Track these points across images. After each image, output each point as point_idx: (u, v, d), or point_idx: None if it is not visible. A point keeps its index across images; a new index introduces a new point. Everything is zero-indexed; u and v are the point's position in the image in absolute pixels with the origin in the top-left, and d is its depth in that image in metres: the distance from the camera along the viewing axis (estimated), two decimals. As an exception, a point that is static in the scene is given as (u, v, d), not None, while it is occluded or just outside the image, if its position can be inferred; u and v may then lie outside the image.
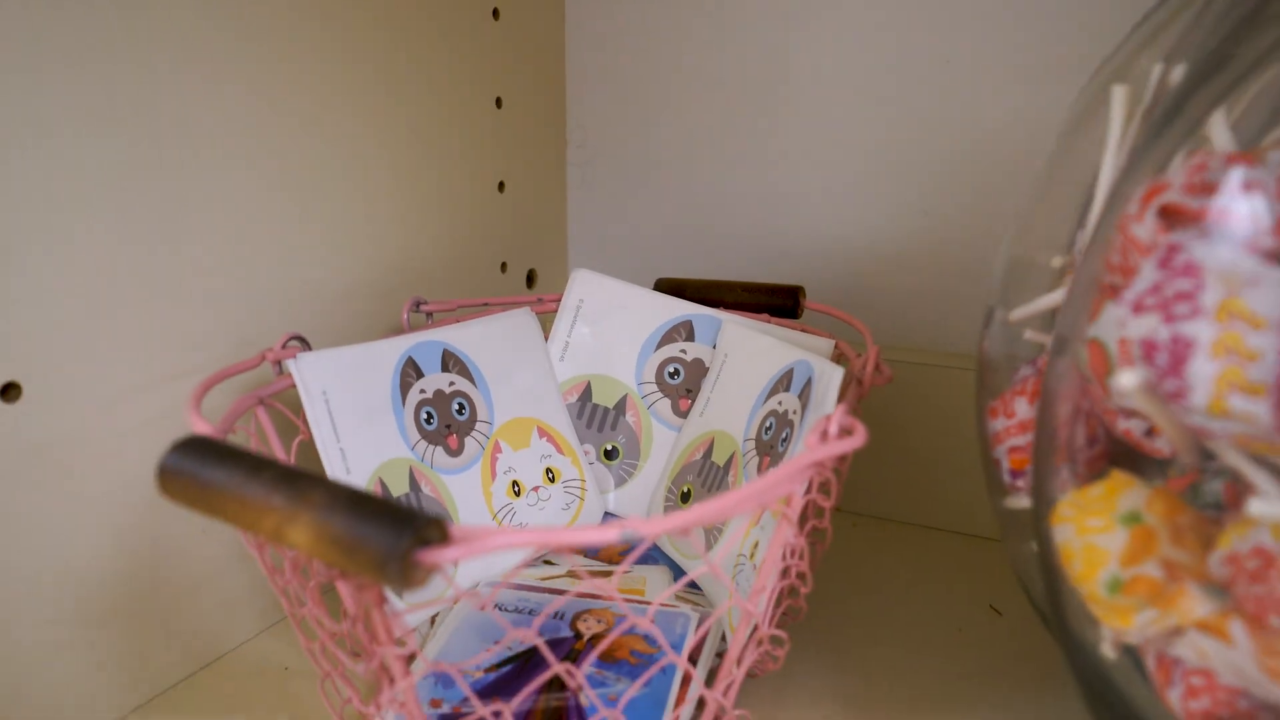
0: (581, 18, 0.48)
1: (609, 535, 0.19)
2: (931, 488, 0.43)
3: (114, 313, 0.27)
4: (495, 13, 0.43)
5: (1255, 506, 0.16)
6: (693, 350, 0.39)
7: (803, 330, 0.38)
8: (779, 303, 0.40)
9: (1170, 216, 0.17)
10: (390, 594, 0.28)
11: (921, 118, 0.42)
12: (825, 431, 0.23)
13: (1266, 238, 0.17)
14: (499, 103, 0.44)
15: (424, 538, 0.18)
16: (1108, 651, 0.20)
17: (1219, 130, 0.19)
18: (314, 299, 0.35)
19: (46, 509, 0.26)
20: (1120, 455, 0.21)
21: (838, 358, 0.35)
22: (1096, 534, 0.19)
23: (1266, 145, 0.18)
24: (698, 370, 0.39)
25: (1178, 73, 0.20)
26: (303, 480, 0.19)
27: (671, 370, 0.40)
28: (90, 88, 0.26)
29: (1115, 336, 0.18)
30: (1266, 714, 0.17)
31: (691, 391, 0.39)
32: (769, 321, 0.39)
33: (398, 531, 0.17)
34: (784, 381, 0.33)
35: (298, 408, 0.32)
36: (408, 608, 0.22)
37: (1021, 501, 0.25)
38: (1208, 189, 0.17)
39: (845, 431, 0.24)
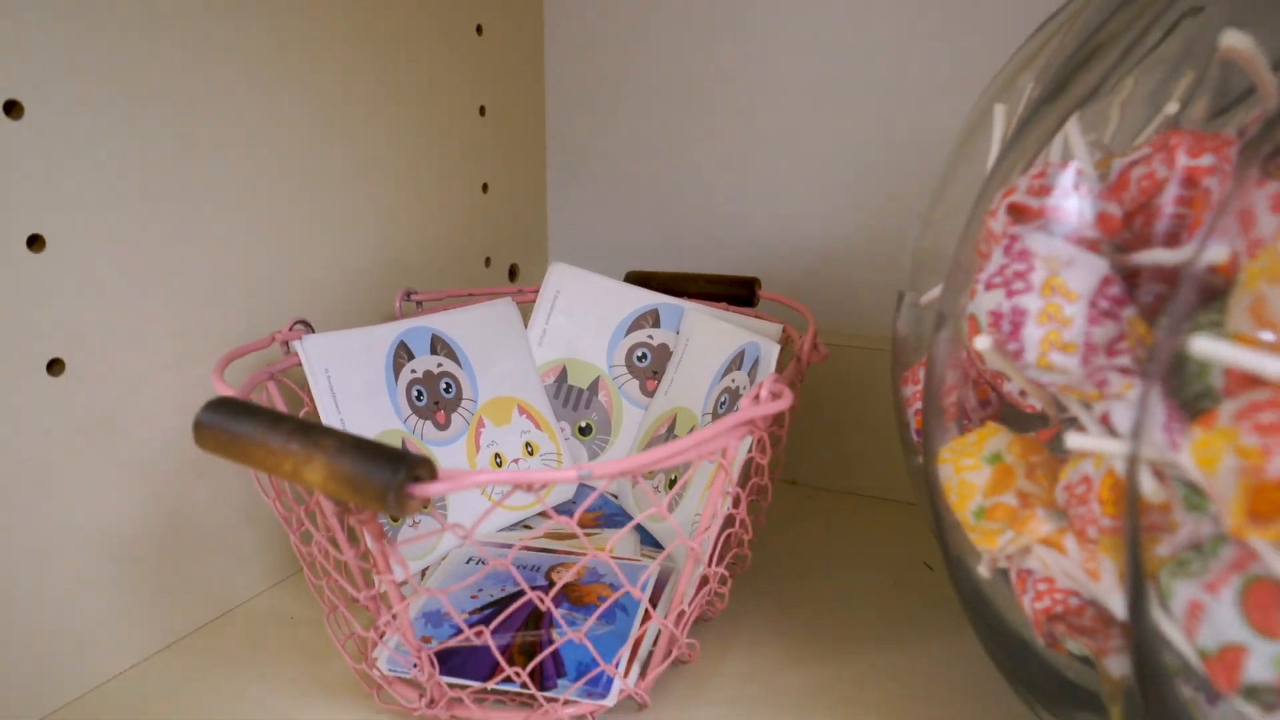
0: (559, 33, 0.52)
1: (569, 474, 0.23)
2: (876, 460, 0.47)
3: (143, 300, 0.31)
4: (479, 29, 0.47)
5: (1071, 440, 0.20)
6: (659, 336, 0.44)
7: (756, 317, 0.42)
8: (736, 292, 0.44)
9: (1016, 213, 0.22)
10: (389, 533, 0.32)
11: (868, 126, 0.46)
12: (758, 395, 0.28)
13: (1088, 230, 0.21)
14: (482, 111, 0.48)
15: (416, 474, 0.22)
16: (984, 572, 0.24)
17: (1075, 140, 0.23)
18: (317, 288, 0.39)
19: (85, 470, 0.30)
20: (1010, 414, 0.25)
21: (784, 340, 0.39)
22: (968, 471, 0.23)
23: (1111, 159, 0.23)
24: (663, 354, 0.43)
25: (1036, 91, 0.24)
26: (315, 430, 0.23)
27: (639, 354, 0.44)
28: (126, 111, 0.30)
29: (977, 310, 0.22)
30: (1090, 608, 0.21)
31: (657, 373, 0.43)
32: (727, 309, 0.43)
33: (394, 469, 0.22)
34: (737, 361, 0.37)
35: (303, 383, 0.36)
36: (406, 539, 0.26)
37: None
38: (1045, 191, 0.22)
39: (776, 396, 0.28)
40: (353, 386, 0.35)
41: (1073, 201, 0.21)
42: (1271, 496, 0.16)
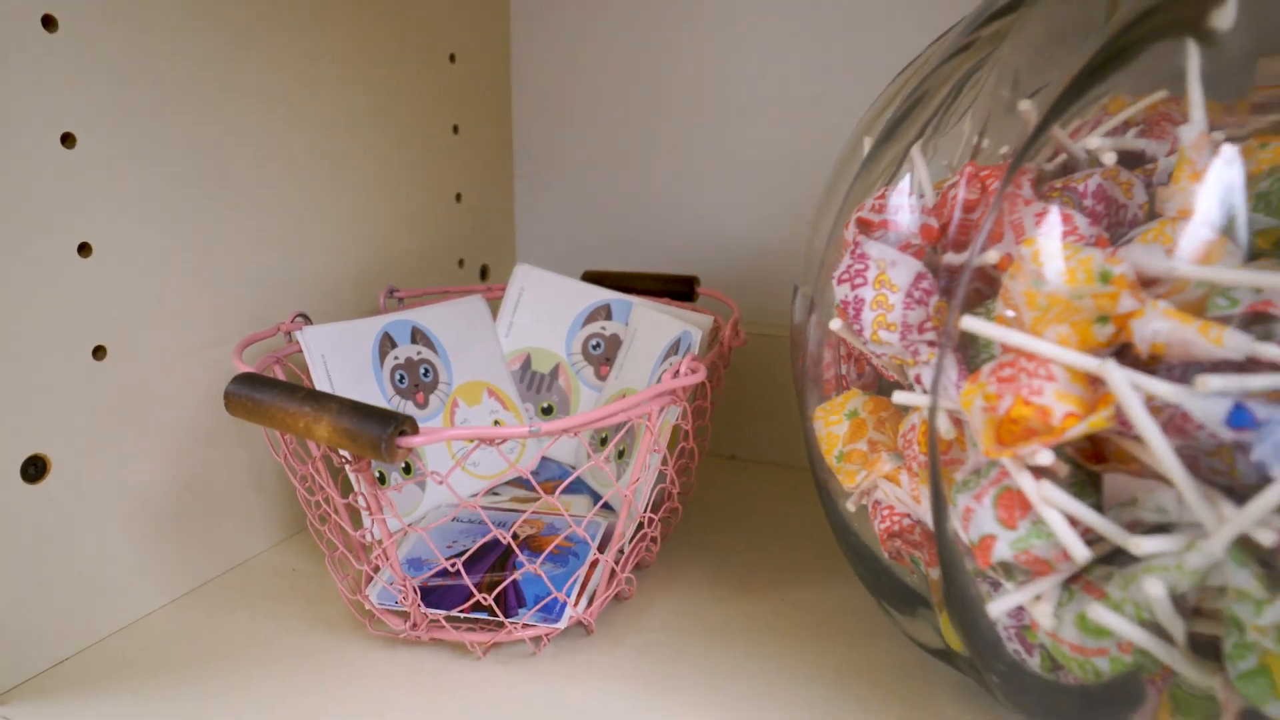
0: (525, 60, 0.58)
1: (520, 430, 0.29)
2: (801, 435, 0.54)
3: (170, 297, 0.37)
4: (452, 57, 0.53)
5: (895, 396, 0.26)
6: (610, 327, 0.50)
7: (695, 310, 0.48)
8: (678, 289, 0.50)
9: (863, 225, 0.28)
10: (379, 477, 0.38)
11: (793, 142, 0.53)
12: (678, 371, 0.34)
13: (914, 238, 0.28)
14: (456, 130, 0.54)
15: (402, 429, 0.28)
16: (850, 506, 0.31)
17: (919, 165, 0.29)
18: (313, 285, 0.45)
19: (121, 440, 0.36)
20: (886, 384, 0.32)
21: (714, 328, 0.45)
22: (833, 425, 0.30)
23: (946, 183, 0.29)
24: (614, 343, 0.50)
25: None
26: (322, 396, 0.29)
27: (594, 343, 0.50)
28: (159, 141, 0.36)
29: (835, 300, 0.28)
30: (917, 525, 0.28)
31: (610, 360, 0.50)
32: (670, 304, 0.50)
33: (385, 424, 0.28)
34: (674, 348, 0.44)
35: (303, 367, 0.42)
36: (395, 486, 0.32)
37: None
38: (884, 209, 0.28)
39: (692, 372, 0.34)
40: (345, 370, 0.41)
41: (902, 216, 0.28)
42: (1009, 428, 0.23)
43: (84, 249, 0.34)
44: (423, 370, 0.45)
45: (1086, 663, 0.24)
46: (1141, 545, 0.22)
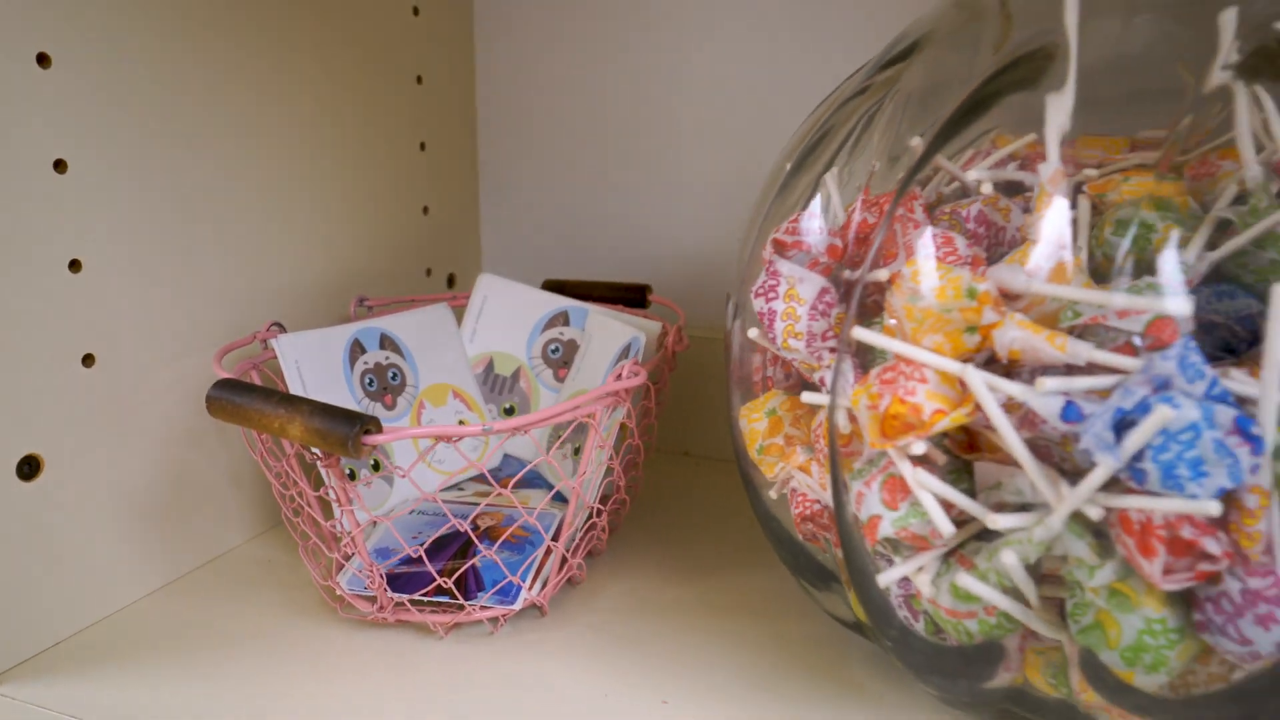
0: (488, 80, 0.61)
1: (474, 429, 0.33)
2: (754, 435, 0.58)
3: (154, 308, 0.40)
4: (419, 79, 0.56)
5: (803, 396, 0.30)
6: (568, 333, 0.53)
7: (645, 316, 0.52)
8: (632, 296, 0.54)
9: (777, 245, 0.32)
10: (348, 474, 0.41)
11: (740, 160, 0.57)
12: (620, 374, 0.38)
13: (822, 256, 0.31)
14: (423, 146, 0.57)
15: (367, 428, 0.31)
16: (772, 495, 0.35)
17: (832, 190, 0.33)
18: (288, 295, 0.48)
19: (108, 440, 0.39)
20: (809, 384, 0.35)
21: (662, 334, 0.49)
22: (755, 422, 0.33)
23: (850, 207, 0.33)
24: (572, 348, 0.53)
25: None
26: (294, 399, 0.32)
27: (553, 348, 0.53)
28: (143, 165, 0.39)
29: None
30: (825, 510, 0.31)
31: (567, 363, 0.53)
32: (623, 310, 0.53)
33: (352, 424, 0.31)
34: (625, 352, 0.47)
35: (278, 372, 0.45)
36: (363, 480, 0.36)
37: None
38: (796, 231, 0.32)
39: (634, 375, 0.38)
40: (317, 375, 0.45)
41: (812, 237, 0.31)
42: (890, 423, 0.26)
43: (74, 265, 0.37)
44: (391, 374, 0.49)
45: (959, 625, 0.27)
46: (997, 521, 0.25)
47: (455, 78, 0.60)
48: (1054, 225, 0.26)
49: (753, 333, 0.32)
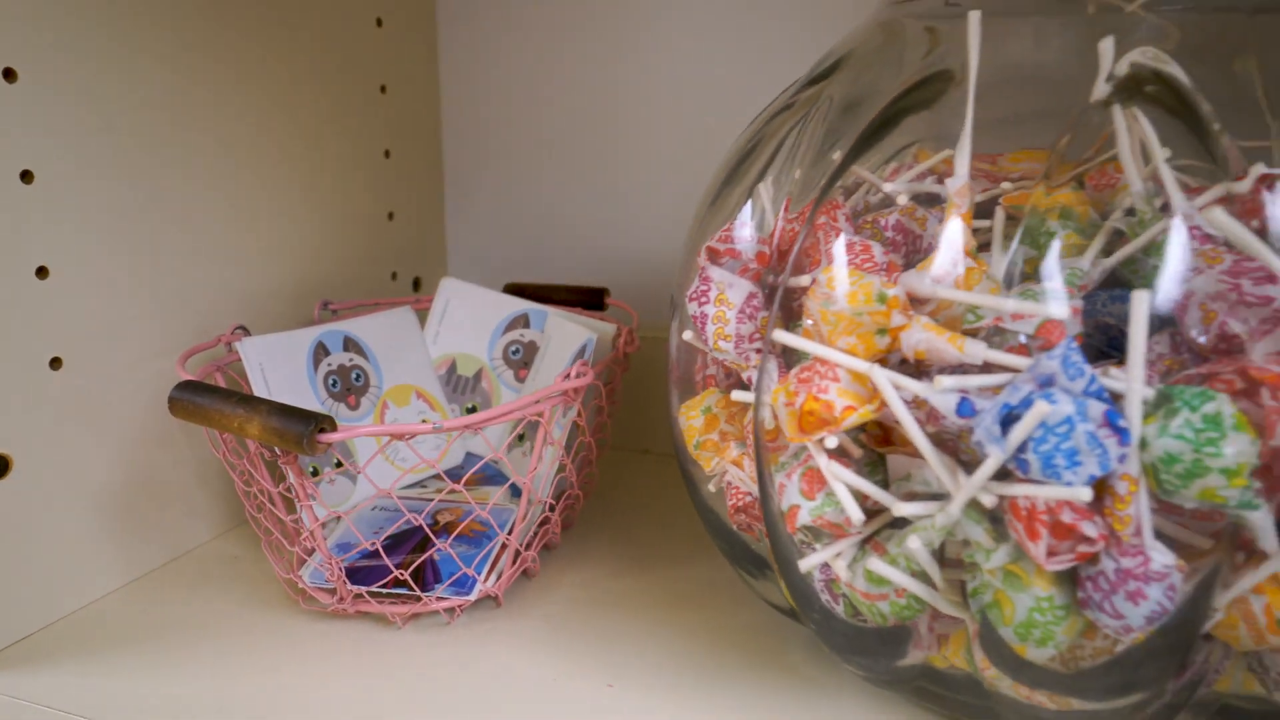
0: (452, 89, 0.63)
1: (425, 428, 0.34)
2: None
3: (121, 312, 0.42)
4: (383, 88, 0.58)
5: (734, 394, 0.32)
6: (528, 335, 0.55)
7: (602, 319, 0.54)
8: (589, 299, 0.56)
9: (711, 253, 0.34)
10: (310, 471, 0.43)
11: (700, 167, 0.59)
12: (568, 374, 0.40)
13: (751, 263, 0.33)
14: (387, 154, 0.59)
15: (321, 426, 0.33)
16: (711, 488, 0.37)
17: (766, 199, 0.35)
18: (253, 299, 0.49)
19: (78, 440, 0.40)
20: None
21: (616, 336, 0.51)
22: (692, 419, 0.35)
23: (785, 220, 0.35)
24: (532, 349, 0.55)
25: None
26: (253, 399, 0.34)
27: (514, 349, 0.55)
28: (110, 176, 0.40)
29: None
30: (756, 502, 0.33)
31: (528, 364, 0.55)
32: (581, 313, 0.55)
33: (307, 423, 0.33)
34: (581, 353, 0.49)
35: (243, 375, 0.47)
36: (323, 475, 0.37)
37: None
38: (729, 239, 0.34)
39: (581, 375, 0.40)
40: (281, 377, 0.46)
41: (743, 245, 0.33)
42: (806, 419, 0.28)
43: (41, 272, 0.38)
44: (354, 375, 0.50)
45: (873, 607, 0.29)
46: (902, 509, 0.27)
47: (419, 87, 0.61)
48: (953, 235, 0.28)
49: (687, 334, 0.34)
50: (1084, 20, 0.29)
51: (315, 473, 0.46)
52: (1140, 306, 0.24)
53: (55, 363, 0.39)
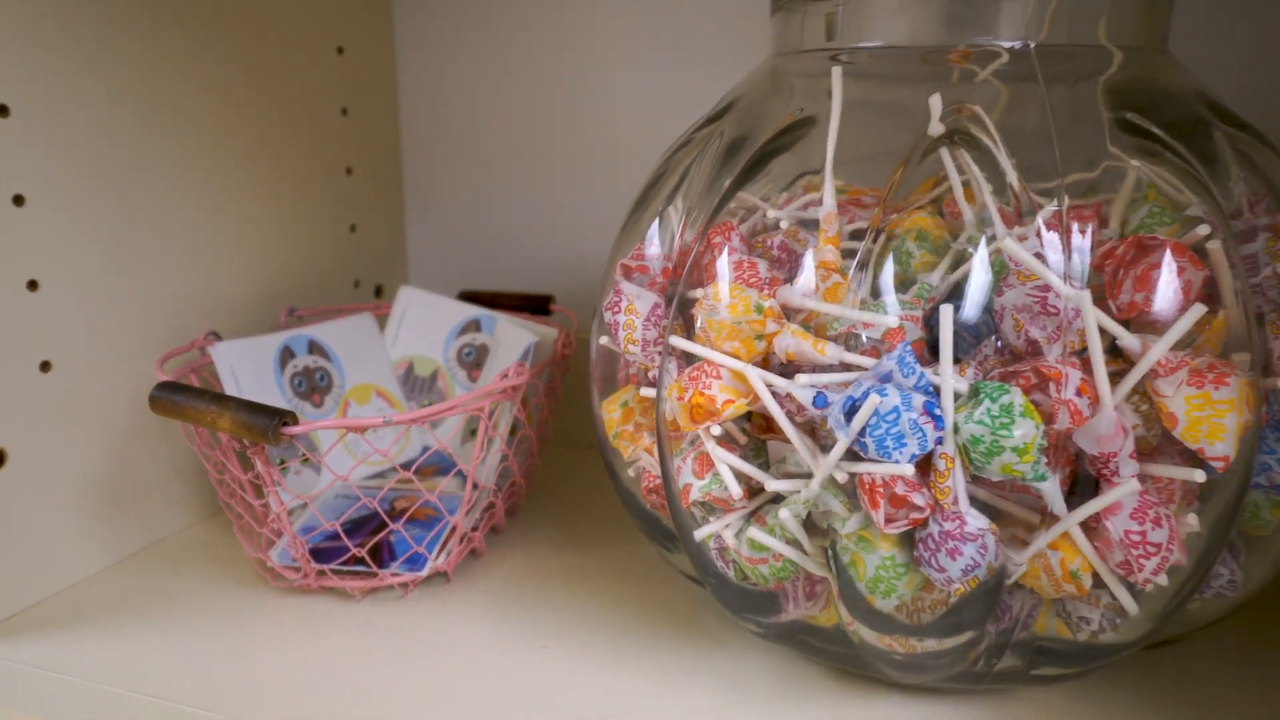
0: (411, 110, 0.68)
1: (376, 421, 0.39)
2: (650, 427, 0.65)
3: (104, 319, 0.46)
4: (344, 110, 0.63)
5: (642, 391, 0.37)
6: (480, 338, 0.60)
7: (546, 323, 0.59)
8: (536, 305, 0.61)
9: (624, 269, 0.39)
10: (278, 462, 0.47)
11: (641, 183, 0.64)
12: (506, 374, 0.45)
13: (659, 277, 0.39)
14: (349, 171, 0.64)
15: (285, 420, 0.38)
16: (630, 473, 0.42)
17: (674, 220, 0.40)
18: (224, 306, 0.54)
19: (66, 435, 0.45)
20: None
21: (557, 339, 0.56)
22: (612, 412, 0.41)
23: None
24: (484, 352, 0.60)
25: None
26: (224, 397, 0.38)
27: (466, 352, 0.60)
28: (93, 197, 0.45)
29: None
30: (663, 485, 0.38)
31: (480, 365, 0.60)
32: (528, 318, 0.60)
33: (271, 417, 0.38)
34: (526, 355, 0.54)
35: (216, 376, 0.51)
36: (284, 463, 0.42)
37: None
38: (641, 257, 0.39)
39: (518, 375, 0.45)
40: (250, 378, 0.51)
41: (651, 262, 0.39)
42: (695, 411, 0.33)
43: (32, 285, 0.43)
44: (318, 376, 0.55)
45: (755, 570, 0.35)
46: (774, 485, 0.33)
47: (379, 109, 0.66)
48: (819, 255, 0.33)
49: (604, 340, 0.39)
50: (935, 82, 0.35)
51: (282, 464, 0.50)
52: (946, 318, 0.29)
53: (45, 366, 0.44)
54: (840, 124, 0.35)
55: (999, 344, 0.33)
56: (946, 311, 0.29)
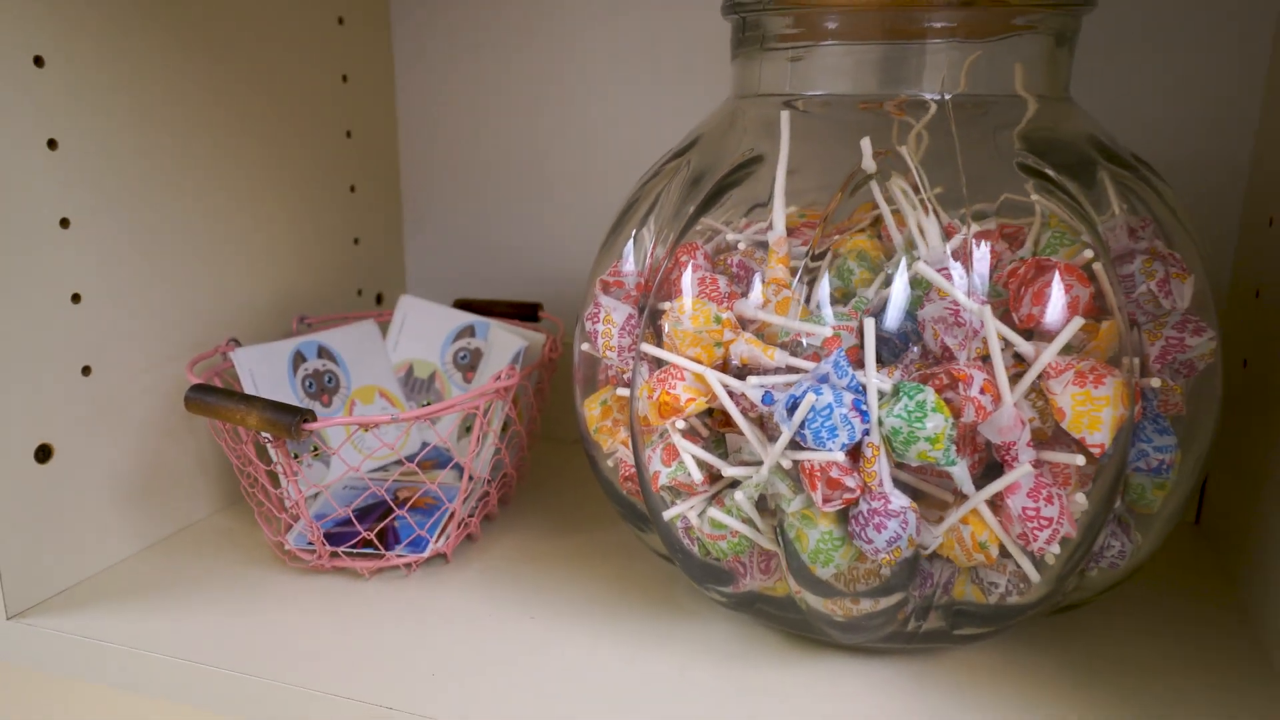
0: (410, 132, 0.73)
1: (385, 418, 0.45)
2: (632, 424, 0.70)
3: (138, 328, 0.51)
4: (348, 133, 0.68)
5: (619, 390, 0.43)
6: (474, 343, 0.65)
7: (535, 330, 0.64)
8: (526, 313, 0.66)
9: (603, 285, 0.44)
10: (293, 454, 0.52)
11: (621, 199, 0.69)
12: (499, 376, 0.50)
13: (633, 291, 0.44)
14: (353, 188, 0.69)
15: (304, 418, 0.43)
16: (610, 463, 0.47)
17: (647, 240, 0.46)
18: (243, 314, 0.59)
19: (104, 431, 0.50)
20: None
21: (544, 344, 0.61)
22: (592, 409, 0.46)
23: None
24: (478, 355, 0.65)
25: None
26: (252, 397, 0.44)
27: (462, 355, 0.65)
28: (133, 216, 0.50)
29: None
30: (637, 471, 0.44)
31: (474, 368, 0.65)
32: (517, 324, 0.65)
33: (294, 415, 0.43)
34: (516, 359, 0.60)
35: (236, 378, 0.56)
36: (302, 457, 0.47)
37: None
38: (618, 273, 0.44)
39: (509, 378, 0.50)
40: (267, 380, 0.56)
41: (627, 278, 0.44)
42: (662, 408, 0.39)
43: (76, 298, 0.48)
44: (327, 379, 0.60)
45: (716, 545, 0.40)
46: (729, 471, 0.38)
47: (380, 132, 0.71)
48: (770, 273, 0.39)
49: (585, 346, 0.44)
50: (872, 126, 0.40)
51: (296, 457, 0.56)
52: (869, 329, 0.35)
53: (86, 370, 0.49)
54: (788, 160, 0.40)
55: (923, 350, 0.38)
56: (869, 324, 0.35)
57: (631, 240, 0.44)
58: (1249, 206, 0.53)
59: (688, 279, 0.40)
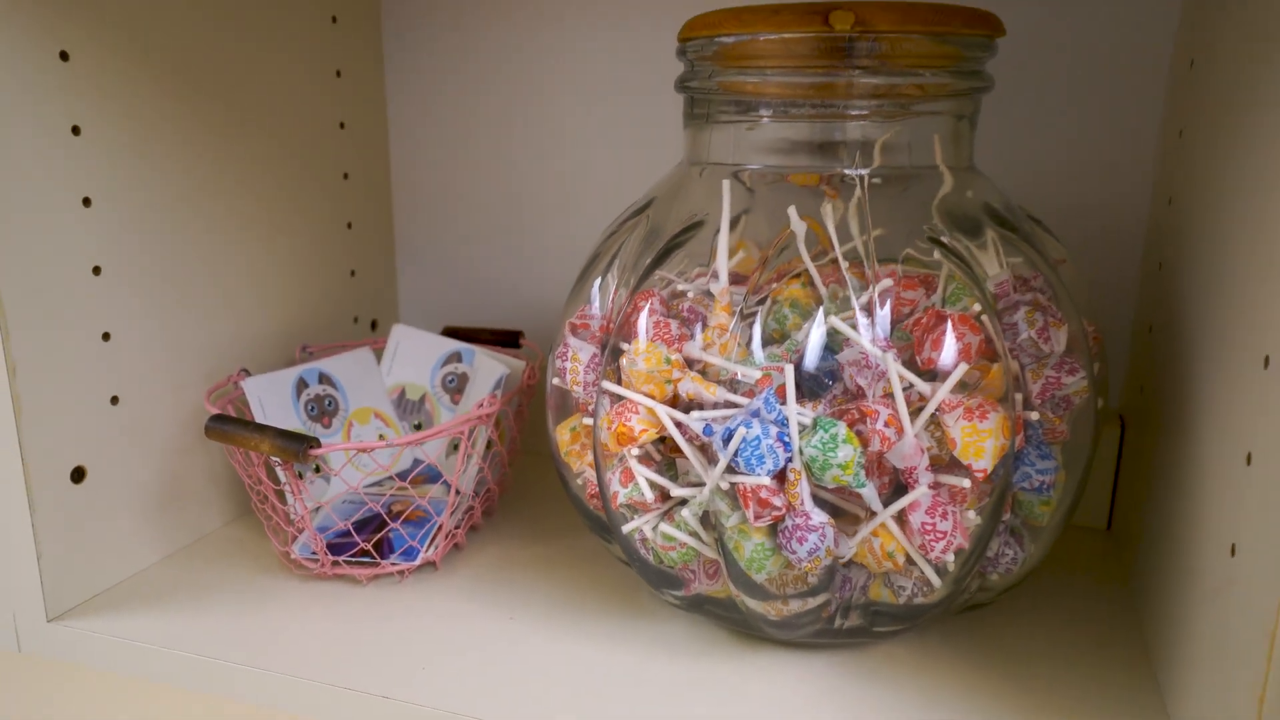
0: (402, 174, 0.79)
1: (380, 444, 0.51)
2: (606, 440, 0.77)
3: (162, 361, 0.57)
4: (345, 175, 0.74)
5: (585, 420, 0.49)
6: (461, 368, 0.72)
7: (517, 356, 0.70)
8: (508, 340, 0.72)
9: (571, 326, 0.51)
10: (298, 474, 0.59)
11: (604, 226, 0.75)
12: (482, 403, 0.56)
13: (598, 332, 0.50)
14: (350, 225, 0.75)
15: (310, 445, 0.49)
16: (579, 482, 0.53)
17: (611, 286, 0.52)
18: (251, 346, 0.65)
19: (129, 454, 0.56)
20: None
21: (524, 371, 0.67)
22: (563, 434, 0.52)
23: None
24: (464, 379, 0.71)
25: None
26: (264, 426, 0.50)
27: (450, 379, 0.72)
28: (158, 248, 0.56)
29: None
30: (600, 490, 0.50)
31: (461, 391, 0.71)
32: (501, 351, 0.72)
33: (301, 442, 0.49)
34: (498, 384, 0.66)
35: (246, 404, 0.62)
36: (307, 477, 0.54)
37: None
38: (585, 316, 0.51)
39: (491, 405, 0.56)
40: (273, 405, 0.62)
41: (592, 320, 0.50)
42: (619, 437, 0.45)
43: (106, 336, 0.54)
44: (327, 402, 0.66)
45: (668, 555, 0.47)
46: (678, 491, 0.45)
47: (375, 172, 0.78)
48: (723, 318, 0.45)
49: (555, 380, 0.51)
50: (804, 193, 0.47)
51: (301, 477, 0.62)
52: (789, 373, 0.41)
53: (114, 400, 0.55)
54: (729, 222, 0.46)
55: (844, 387, 0.45)
56: (789, 369, 0.41)
57: (596, 286, 0.51)
58: (1148, 253, 0.60)
59: (643, 323, 0.46)
